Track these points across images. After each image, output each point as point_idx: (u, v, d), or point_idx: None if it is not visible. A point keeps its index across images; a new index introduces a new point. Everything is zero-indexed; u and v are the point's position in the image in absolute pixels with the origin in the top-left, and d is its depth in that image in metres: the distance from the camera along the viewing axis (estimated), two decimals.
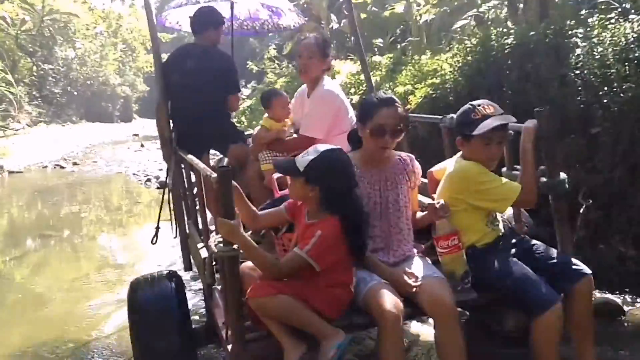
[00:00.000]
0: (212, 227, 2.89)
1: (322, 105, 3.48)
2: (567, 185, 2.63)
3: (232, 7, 4.69)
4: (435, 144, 4.14)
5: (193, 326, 3.09)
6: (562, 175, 2.63)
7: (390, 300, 2.26)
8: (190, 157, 3.20)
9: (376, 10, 14.51)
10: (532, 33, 5.09)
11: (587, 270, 2.51)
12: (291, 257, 2.29)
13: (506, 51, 5.13)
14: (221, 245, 2.25)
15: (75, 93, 29.82)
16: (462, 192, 2.59)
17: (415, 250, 2.70)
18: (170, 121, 3.79)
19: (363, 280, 2.41)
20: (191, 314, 3.17)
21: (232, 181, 2.15)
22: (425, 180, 2.97)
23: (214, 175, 2.24)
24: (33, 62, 26.02)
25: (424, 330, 3.50)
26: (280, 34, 19.09)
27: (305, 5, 15.19)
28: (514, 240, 2.72)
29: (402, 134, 2.59)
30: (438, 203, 2.55)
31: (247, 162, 3.69)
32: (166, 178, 3.87)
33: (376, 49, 13.26)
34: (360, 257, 2.41)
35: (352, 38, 15.50)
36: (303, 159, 2.32)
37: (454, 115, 2.85)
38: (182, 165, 3.64)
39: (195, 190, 3.43)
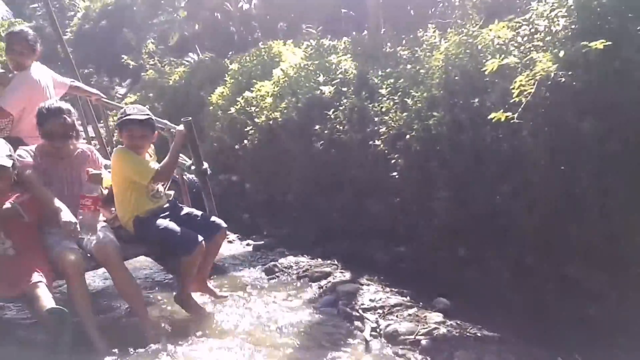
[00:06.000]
0: None
1: (22, 85, 4.04)
2: (209, 172, 4.03)
3: None
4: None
5: None
6: (205, 164, 3.96)
7: (72, 259, 3.20)
8: None
9: None
10: None
11: (224, 224, 3.79)
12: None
13: None
14: None
15: None
16: (119, 169, 3.56)
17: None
18: None
19: (52, 246, 3.30)
20: None
21: None
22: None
23: None
24: None
25: None
26: (161, 27, 17.55)
27: None
28: (175, 209, 3.79)
29: (73, 137, 3.56)
30: (90, 172, 3.59)
31: None
32: None
33: (281, 35, 11.11)
34: None
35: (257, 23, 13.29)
36: (2, 158, 3.20)
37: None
38: None
39: None
